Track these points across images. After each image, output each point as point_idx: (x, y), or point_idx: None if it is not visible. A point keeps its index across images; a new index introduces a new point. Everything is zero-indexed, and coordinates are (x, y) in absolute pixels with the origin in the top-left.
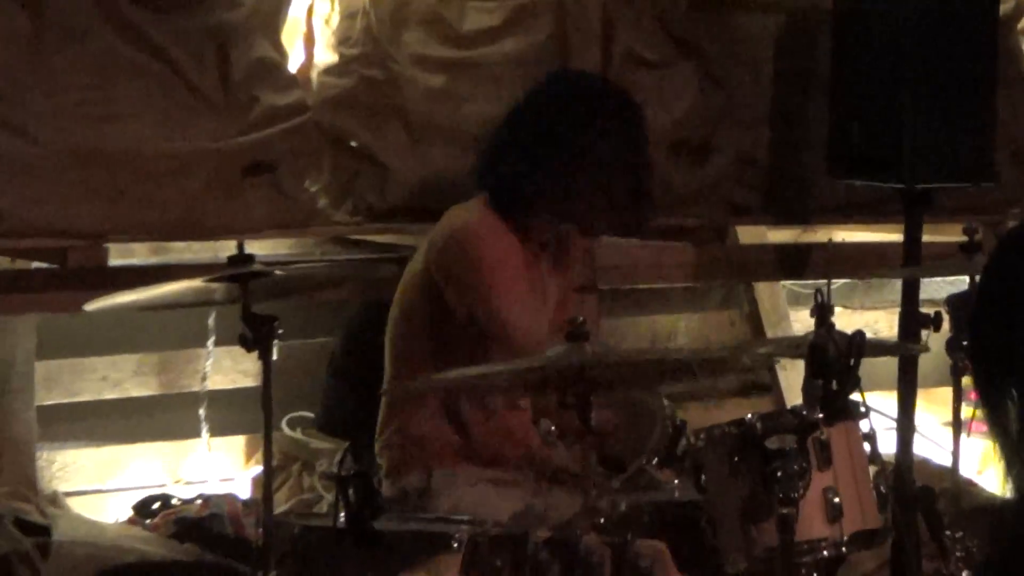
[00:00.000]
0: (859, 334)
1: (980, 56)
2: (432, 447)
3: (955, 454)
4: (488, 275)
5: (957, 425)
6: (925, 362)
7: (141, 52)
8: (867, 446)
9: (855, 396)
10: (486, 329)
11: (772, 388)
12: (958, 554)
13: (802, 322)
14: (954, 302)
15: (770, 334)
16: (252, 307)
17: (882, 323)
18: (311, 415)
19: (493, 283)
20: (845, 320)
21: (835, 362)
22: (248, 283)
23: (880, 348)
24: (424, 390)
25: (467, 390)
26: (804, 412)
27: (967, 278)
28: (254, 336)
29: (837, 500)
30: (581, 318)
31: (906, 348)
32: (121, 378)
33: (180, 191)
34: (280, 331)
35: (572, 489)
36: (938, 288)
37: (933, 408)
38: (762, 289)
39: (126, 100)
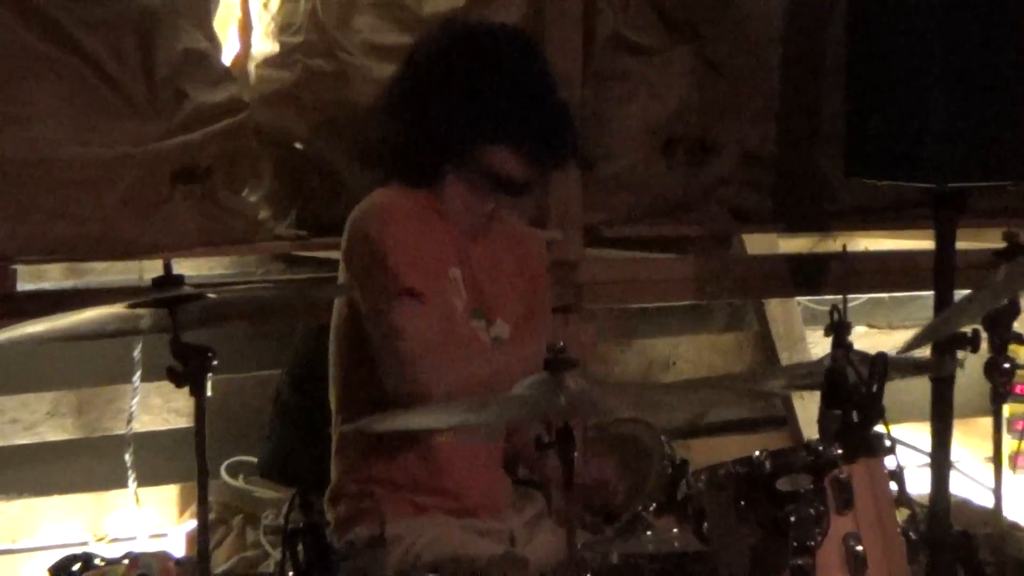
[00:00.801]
0: (881, 356)
1: (1019, 36)
2: (389, 494)
3: (998, 493)
4: (381, 263)
5: (999, 460)
6: (962, 388)
7: (50, 44)
8: (894, 486)
9: (879, 428)
10: (369, 331)
11: (787, 421)
12: None
13: (821, 344)
14: (994, 319)
15: (784, 359)
16: (182, 336)
17: None
18: (253, 460)
19: (387, 271)
20: (869, 341)
21: (855, 389)
22: (177, 309)
23: (907, 370)
24: (374, 430)
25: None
26: (820, 448)
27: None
28: (185, 369)
29: (860, 549)
30: (561, 343)
31: (937, 368)
32: (34, 421)
33: (97, 203)
34: (215, 363)
35: (556, 536)
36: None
37: (972, 441)
38: (774, 307)
39: (33, 99)
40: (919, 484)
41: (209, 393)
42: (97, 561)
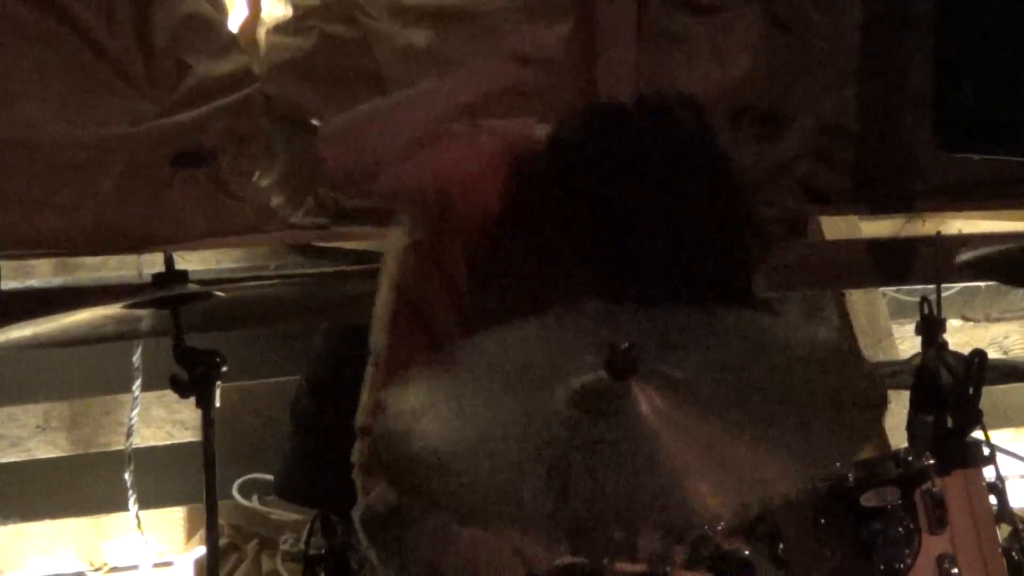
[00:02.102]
0: (979, 354)
1: None
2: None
3: None
4: None
5: None
6: None
7: (33, 10)
8: (994, 500)
9: (977, 435)
10: None
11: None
12: None
13: (910, 340)
14: None
15: (868, 356)
16: (187, 340)
17: (1014, 337)
18: (269, 478)
19: None
20: (965, 336)
21: (949, 392)
22: (181, 309)
23: (1009, 372)
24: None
25: None
26: (910, 458)
27: None
28: (190, 377)
29: (956, 572)
30: (628, 342)
31: None
32: (22, 436)
33: (89, 191)
34: (224, 370)
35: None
36: None
37: None
38: (856, 299)
39: (16, 74)
40: (1022, 498)
41: (218, 403)
42: None
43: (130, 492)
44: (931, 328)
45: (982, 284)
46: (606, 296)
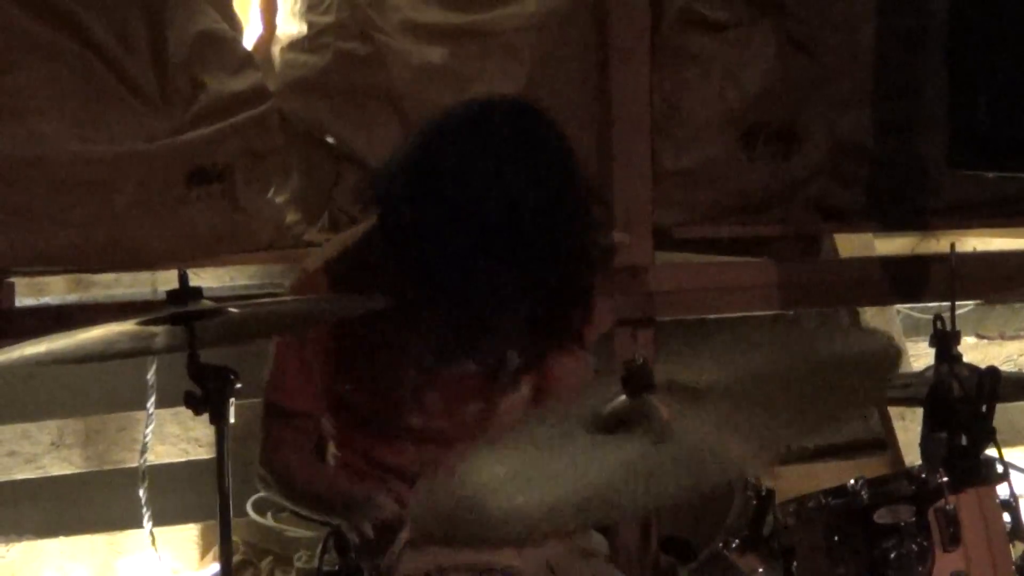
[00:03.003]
0: (992, 371)
1: None
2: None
3: None
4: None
5: None
6: None
7: (46, 26)
8: (1008, 517)
9: (991, 452)
10: None
11: (887, 444)
12: None
13: (925, 358)
14: None
15: None
16: (201, 356)
17: None
18: None
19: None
20: (979, 354)
21: (962, 408)
22: (195, 325)
23: (1022, 388)
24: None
25: None
26: (924, 475)
27: None
28: (204, 394)
29: None
30: (641, 358)
31: None
32: (36, 453)
33: (104, 207)
34: (239, 386)
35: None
36: None
37: None
38: (871, 316)
39: (28, 90)
40: None
41: (232, 420)
42: None
43: (144, 509)
44: (944, 343)
45: (996, 303)
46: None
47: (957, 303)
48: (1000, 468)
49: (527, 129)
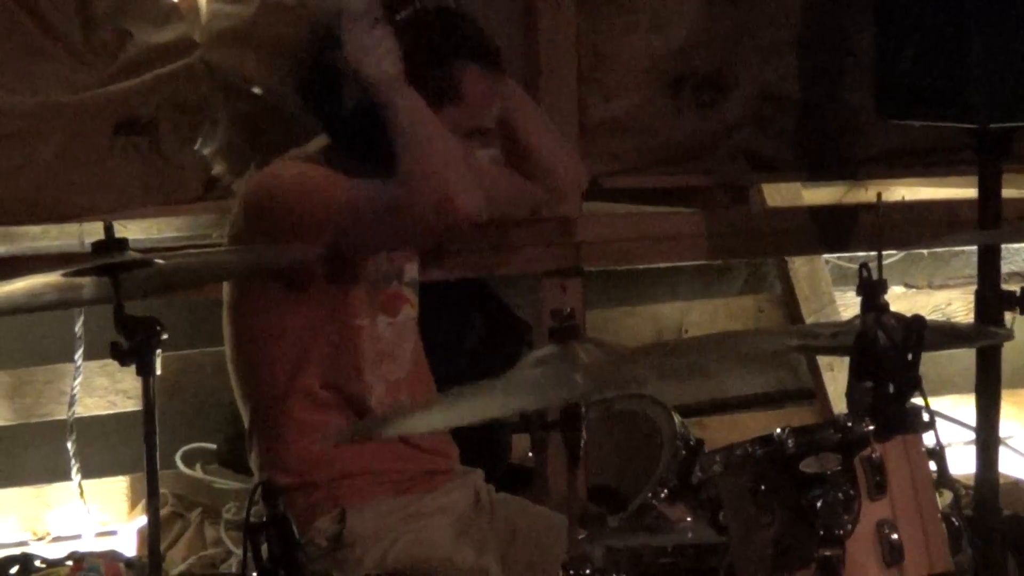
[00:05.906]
0: (918, 319)
1: None
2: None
3: None
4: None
5: None
6: (1011, 355)
7: None
8: (934, 466)
9: (917, 401)
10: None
11: (815, 394)
12: None
13: (853, 307)
14: None
15: (811, 323)
16: (127, 308)
17: (956, 304)
18: (213, 447)
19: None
20: (907, 303)
21: (888, 357)
22: (121, 276)
23: (948, 337)
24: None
25: None
26: (850, 424)
27: None
28: (131, 345)
29: (895, 537)
30: (569, 309)
31: (983, 335)
32: None
33: (28, 159)
34: (165, 337)
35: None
36: None
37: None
38: (799, 266)
39: None
40: (963, 463)
41: (159, 371)
42: (37, 563)
43: (72, 462)
44: (871, 292)
45: (924, 251)
46: None
47: (885, 252)
48: (926, 417)
49: None
